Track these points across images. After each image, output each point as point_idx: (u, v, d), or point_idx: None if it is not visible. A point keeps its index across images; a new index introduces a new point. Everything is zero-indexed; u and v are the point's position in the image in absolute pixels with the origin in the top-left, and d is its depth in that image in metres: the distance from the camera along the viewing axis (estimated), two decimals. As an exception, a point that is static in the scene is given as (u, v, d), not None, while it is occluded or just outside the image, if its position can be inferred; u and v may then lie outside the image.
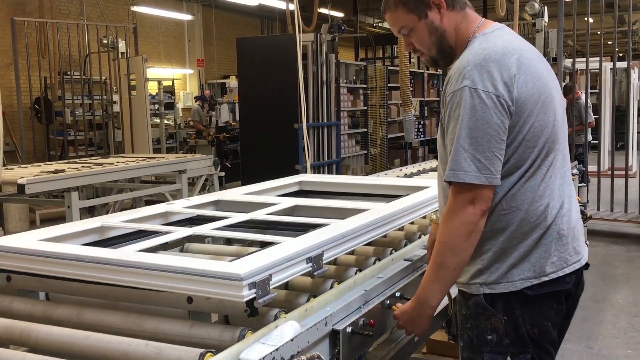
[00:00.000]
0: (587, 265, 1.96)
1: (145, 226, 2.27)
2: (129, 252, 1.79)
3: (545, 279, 1.83)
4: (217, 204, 2.69)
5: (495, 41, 1.84)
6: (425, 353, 3.34)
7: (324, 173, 9.87)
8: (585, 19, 8.81)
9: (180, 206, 2.55)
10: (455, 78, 1.80)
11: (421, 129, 13.59)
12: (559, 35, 8.76)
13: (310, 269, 1.76)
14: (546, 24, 10.69)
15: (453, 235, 1.78)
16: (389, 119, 12.21)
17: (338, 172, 10.06)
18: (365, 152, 11.60)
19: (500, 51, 1.79)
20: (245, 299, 1.49)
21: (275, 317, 1.64)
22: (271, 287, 1.57)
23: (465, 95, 1.75)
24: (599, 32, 8.50)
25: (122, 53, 10.35)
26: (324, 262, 1.82)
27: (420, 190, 2.79)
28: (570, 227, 1.87)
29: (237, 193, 2.83)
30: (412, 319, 1.90)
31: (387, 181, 3.12)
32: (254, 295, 1.51)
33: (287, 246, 1.78)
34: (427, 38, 1.94)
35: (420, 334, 1.99)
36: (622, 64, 11.29)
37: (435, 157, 3.97)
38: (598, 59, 8.96)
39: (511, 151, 1.79)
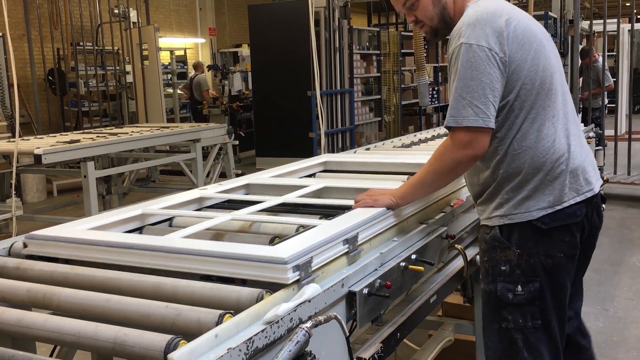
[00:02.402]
0: (603, 199, 2.17)
1: (183, 212, 2.35)
2: (175, 239, 1.87)
3: (559, 207, 2.03)
4: (248, 188, 2.75)
5: (486, 5, 2.08)
6: (440, 315, 3.36)
7: (337, 140, 9.85)
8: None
9: (213, 191, 2.61)
10: (453, 38, 2.06)
11: (435, 95, 13.48)
12: (575, -3, 8.59)
13: (347, 250, 1.82)
14: (563, -15, 10.47)
15: (442, 166, 2.06)
16: (402, 86, 12.11)
17: (352, 140, 10.03)
18: (379, 119, 11.55)
19: (490, 12, 2.04)
20: (290, 281, 1.55)
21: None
22: (312, 269, 1.63)
23: (462, 50, 1.99)
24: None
25: (133, 23, 10.31)
26: (358, 243, 1.87)
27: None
28: (579, 160, 2.08)
29: (266, 176, 2.89)
30: (377, 196, 2.11)
31: (408, 159, 3.16)
32: (298, 277, 1.58)
33: (324, 229, 1.86)
34: (431, 9, 2.17)
35: (373, 205, 2.09)
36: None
37: None
38: (616, 20, 8.79)
39: (513, 96, 2.02)
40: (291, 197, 2.44)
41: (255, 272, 1.60)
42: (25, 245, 1.97)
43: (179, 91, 12.61)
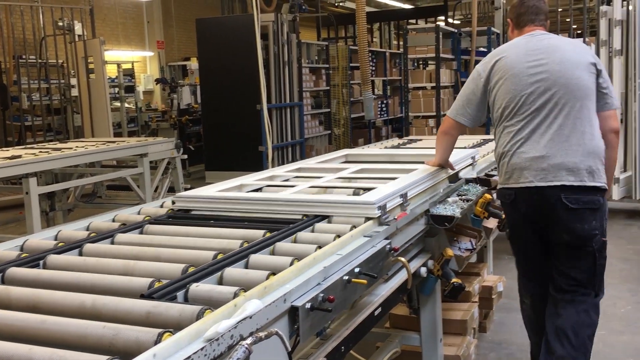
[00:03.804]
0: (543, 197, 2.84)
1: (272, 182, 3.18)
2: (288, 194, 2.73)
3: (500, 186, 3.02)
4: (300, 171, 3.55)
5: (499, 47, 3.24)
6: (387, 327, 3.38)
7: (287, 154, 9.86)
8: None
9: (282, 171, 3.54)
10: None
11: (384, 108, 13.63)
12: (517, 13, 8.83)
13: (402, 202, 2.65)
14: (504, 1, 10.79)
15: (439, 132, 3.31)
16: (351, 99, 12.22)
17: (302, 153, 10.06)
18: (329, 132, 11.62)
19: (492, 53, 3.12)
20: (376, 216, 2.39)
21: (235, 295, 1.65)
22: (386, 210, 2.46)
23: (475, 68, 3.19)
24: (560, 10, 8.59)
25: (78, 36, 10.12)
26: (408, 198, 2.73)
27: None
28: (517, 162, 2.88)
29: (312, 162, 3.86)
30: (429, 161, 3.31)
31: (412, 152, 4.20)
32: (380, 214, 2.40)
33: (385, 187, 2.69)
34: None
35: (428, 163, 3.30)
36: (580, 40, 11.44)
37: (398, 136, 5.96)
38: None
39: (493, 113, 3.05)
40: (345, 174, 3.28)
41: (355, 210, 2.45)
42: (173, 202, 2.82)
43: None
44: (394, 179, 2.94)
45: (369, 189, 2.69)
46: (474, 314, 3.65)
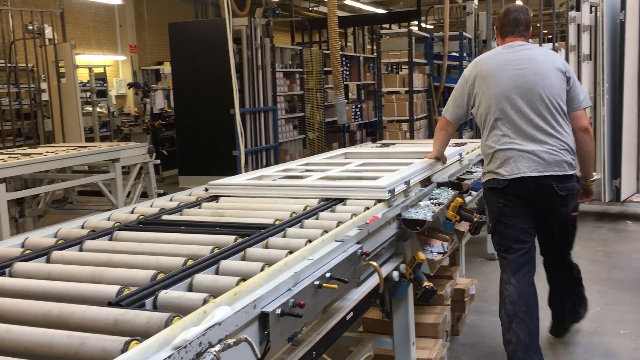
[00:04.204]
0: (527, 185, 3.33)
1: (292, 173, 3.70)
2: (309, 181, 3.24)
3: (488, 176, 3.46)
4: (308, 165, 4.05)
5: (482, 55, 3.74)
6: (361, 332, 3.39)
7: (261, 158, 9.84)
8: (515, 1, 9.01)
9: (296, 164, 4.10)
10: None
11: (358, 112, 13.67)
12: (488, 18, 8.95)
13: (405, 187, 3.06)
14: (476, 6, 10.91)
15: (436, 129, 3.85)
16: (326, 103, 12.23)
17: (276, 157, 10.05)
18: (303, 136, 11.62)
19: (476, 60, 3.63)
20: (387, 198, 2.83)
21: (205, 302, 1.63)
22: (395, 193, 2.91)
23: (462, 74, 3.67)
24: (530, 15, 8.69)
25: (49, 39, 9.99)
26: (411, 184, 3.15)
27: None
28: (503, 157, 3.36)
29: (317, 158, 4.40)
30: (428, 155, 3.83)
31: (409, 149, 4.77)
32: (390, 196, 2.85)
33: (392, 175, 3.17)
34: None
35: (427, 157, 3.84)
36: (548, 46, 11.61)
37: (372, 140, 6.79)
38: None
39: (477, 114, 3.51)
40: (352, 167, 3.82)
41: (368, 194, 2.90)
42: (206, 189, 3.28)
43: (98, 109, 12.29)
44: (395, 170, 3.38)
45: (376, 178, 3.12)
46: (447, 317, 3.67)
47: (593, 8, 6.87)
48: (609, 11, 6.69)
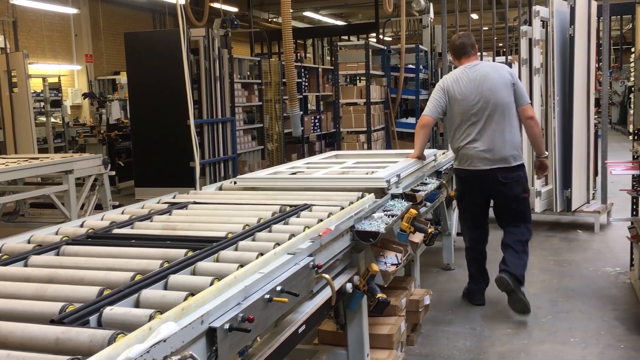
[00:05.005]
0: (485, 179, 4.54)
1: (298, 170, 4.39)
2: (320, 174, 4.01)
3: (457, 167, 4.65)
4: (309, 164, 4.79)
5: (452, 72, 4.70)
6: (316, 344, 3.38)
7: (219, 170, 9.77)
8: (469, 15, 9.19)
9: (301, 163, 4.93)
10: None
11: (317, 123, 13.70)
12: (443, 31, 9.10)
13: (397, 180, 3.76)
14: (432, 20, 11.08)
15: (417, 128, 4.65)
16: (284, 114, 12.21)
17: (234, 168, 9.99)
18: (262, 147, 11.58)
19: (449, 76, 4.61)
20: (385, 187, 3.55)
21: (151, 318, 1.61)
22: (391, 184, 3.63)
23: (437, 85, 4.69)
24: (485, 28, 8.88)
25: (1, 48, 9.77)
26: (401, 177, 3.91)
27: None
28: (468, 154, 4.49)
29: (317, 158, 5.31)
30: (410, 155, 4.63)
31: (392, 151, 5.85)
32: (387, 185, 3.56)
33: (386, 170, 3.90)
34: None
35: (409, 157, 4.62)
36: (501, 59, 11.87)
37: (332, 150, 7.20)
38: (479, 54, 9.36)
39: (449, 119, 4.59)
40: (347, 165, 4.55)
41: (371, 184, 3.61)
42: (235, 182, 3.98)
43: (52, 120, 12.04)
44: (386, 167, 4.13)
45: (373, 172, 3.91)
46: (401, 328, 3.69)
47: (544, 23, 7.05)
48: (559, 26, 6.87)
